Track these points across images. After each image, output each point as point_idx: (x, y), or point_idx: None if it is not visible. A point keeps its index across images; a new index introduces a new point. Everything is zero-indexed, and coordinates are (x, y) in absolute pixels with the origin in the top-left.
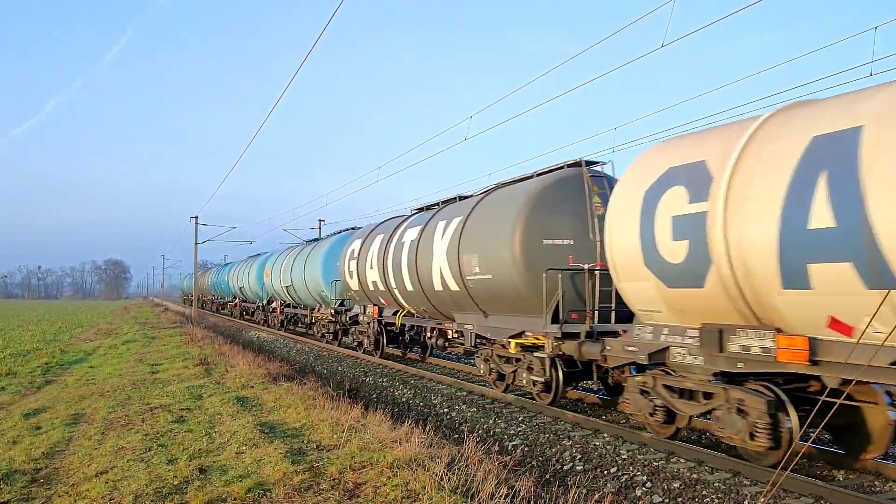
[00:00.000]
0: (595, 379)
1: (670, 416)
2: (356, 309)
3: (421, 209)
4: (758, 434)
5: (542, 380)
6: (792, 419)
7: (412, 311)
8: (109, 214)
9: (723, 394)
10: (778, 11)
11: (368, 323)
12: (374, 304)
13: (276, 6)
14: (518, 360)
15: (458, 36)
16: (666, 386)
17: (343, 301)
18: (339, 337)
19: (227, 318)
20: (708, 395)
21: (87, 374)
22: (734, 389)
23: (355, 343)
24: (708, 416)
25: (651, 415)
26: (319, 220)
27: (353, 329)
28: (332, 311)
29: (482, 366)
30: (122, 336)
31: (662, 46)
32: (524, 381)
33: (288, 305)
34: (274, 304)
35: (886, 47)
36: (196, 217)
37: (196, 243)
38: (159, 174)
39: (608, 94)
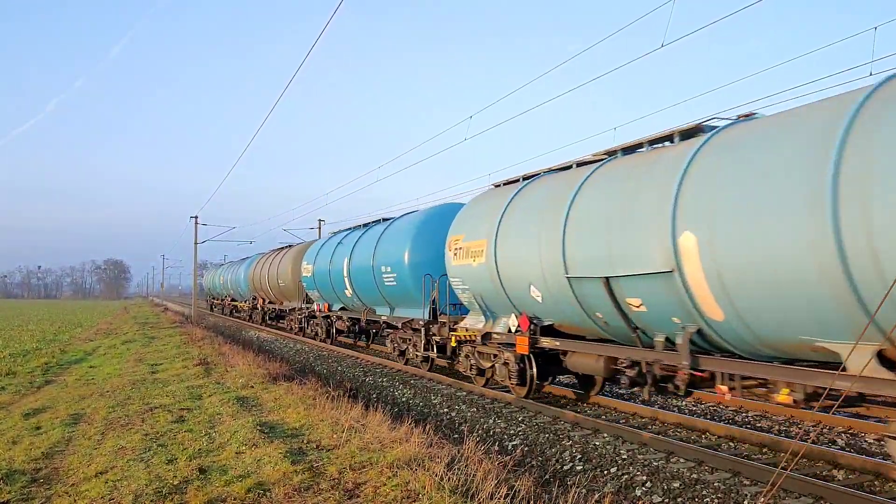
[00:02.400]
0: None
1: (481, 371)
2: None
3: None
4: (512, 377)
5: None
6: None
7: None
8: (109, 214)
9: (501, 354)
10: (778, 11)
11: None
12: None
13: (277, 6)
14: (495, 355)
15: (459, 36)
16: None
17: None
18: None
19: (223, 317)
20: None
21: (86, 374)
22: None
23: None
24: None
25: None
26: (319, 220)
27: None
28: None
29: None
30: (121, 336)
31: (662, 46)
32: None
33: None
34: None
35: (886, 47)
36: (196, 217)
37: (196, 243)
38: (159, 174)
39: (608, 94)
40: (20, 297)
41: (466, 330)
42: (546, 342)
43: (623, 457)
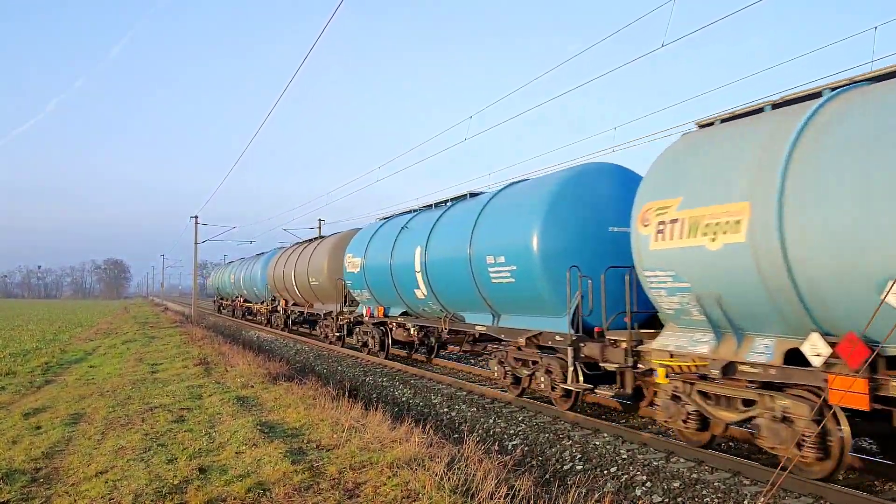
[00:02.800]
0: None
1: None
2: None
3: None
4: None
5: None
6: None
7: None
8: (109, 214)
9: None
10: (778, 11)
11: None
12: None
13: (277, 6)
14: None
15: (459, 36)
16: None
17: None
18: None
19: (232, 320)
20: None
21: (86, 374)
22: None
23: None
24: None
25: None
26: (319, 220)
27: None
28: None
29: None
30: (121, 336)
31: (662, 46)
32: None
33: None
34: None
35: (886, 47)
36: (196, 217)
37: (196, 243)
38: (159, 174)
39: (608, 94)
40: (20, 296)
41: (677, 357)
42: None
43: (623, 457)
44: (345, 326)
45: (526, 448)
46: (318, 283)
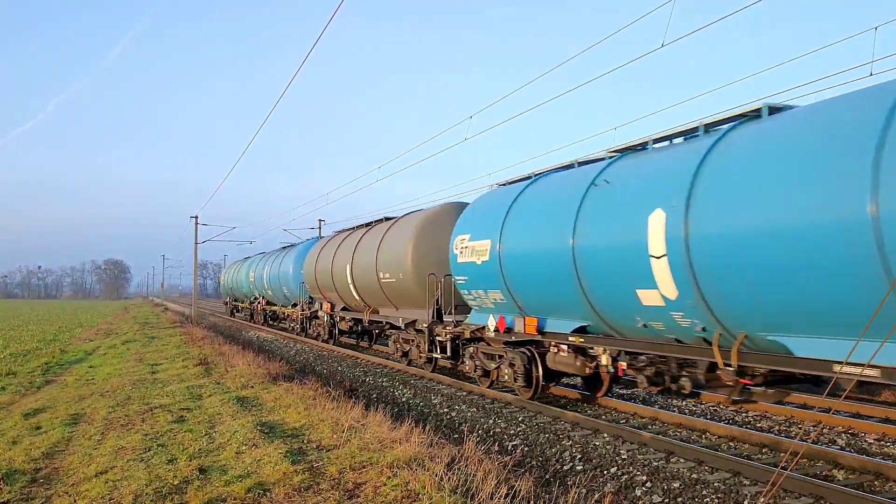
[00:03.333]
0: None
1: (486, 372)
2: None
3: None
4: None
5: (328, 329)
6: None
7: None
8: (109, 214)
9: (507, 354)
10: (778, 11)
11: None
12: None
13: (277, 6)
14: (501, 356)
15: (458, 36)
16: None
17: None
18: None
19: (230, 319)
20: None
21: (86, 374)
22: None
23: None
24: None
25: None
26: (319, 220)
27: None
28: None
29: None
30: (121, 336)
31: (662, 46)
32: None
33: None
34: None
35: (886, 47)
36: (196, 217)
37: (196, 243)
38: (160, 174)
39: (608, 94)
40: (20, 297)
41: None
42: None
43: (623, 457)
44: (449, 344)
45: (526, 448)
46: (395, 281)
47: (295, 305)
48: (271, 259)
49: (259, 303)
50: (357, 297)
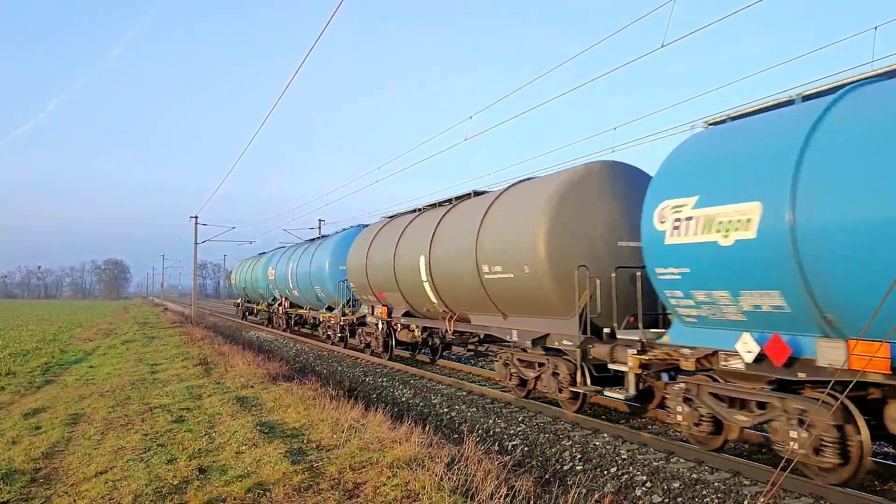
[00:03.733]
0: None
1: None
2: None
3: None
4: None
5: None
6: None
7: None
8: (109, 214)
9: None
10: (778, 11)
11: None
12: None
13: (277, 6)
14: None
15: (459, 35)
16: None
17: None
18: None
19: (231, 319)
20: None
21: (86, 374)
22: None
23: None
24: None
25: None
26: (319, 220)
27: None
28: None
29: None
30: (121, 336)
31: (662, 46)
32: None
33: None
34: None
35: (886, 47)
36: (196, 217)
37: (196, 243)
38: (159, 174)
39: (608, 94)
40: (20, 297)
41: None
42: None
43: (623, 457)
44: (631, 378)
45: (526, 448)
46: (511, 278)
47: (331, 309)
48: (298, 253)
49: (281, 305)
50: (434, 300)
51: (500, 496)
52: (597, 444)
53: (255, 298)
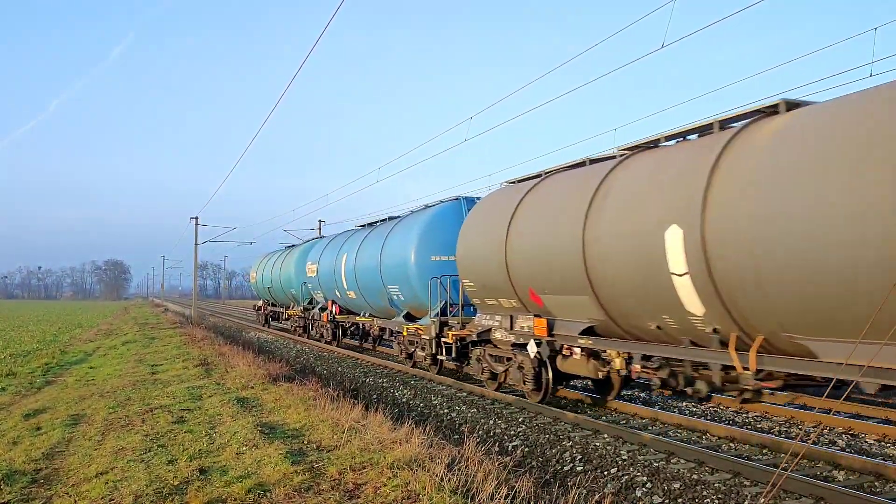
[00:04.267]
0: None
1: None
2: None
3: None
4: (528, 381)
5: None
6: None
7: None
8: (110, 215)
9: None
10: (778, 12)
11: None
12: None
13: (277, 6)
14: (509, 359)
15: (459, 35)
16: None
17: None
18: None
19: (231, 319)
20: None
21: (86, 375)
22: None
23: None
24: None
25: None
26: (319, 221)
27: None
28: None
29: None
30: (121, 336)
31: (663, 47)
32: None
33: None
34: None
35: (886, 47)
36: (196, 217)
37: (196, 244)
38: (160, 174)
39: (608, 94)
40: (20, 297)
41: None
42: None
43: (623, 457)
44: None
45: (526, 449)
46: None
47: (411, 318)
48: (355, 242)
49: (326, 311)
50: (700, 310)
51: (501, 497)
52: (597, 444)
53: (284, 301)
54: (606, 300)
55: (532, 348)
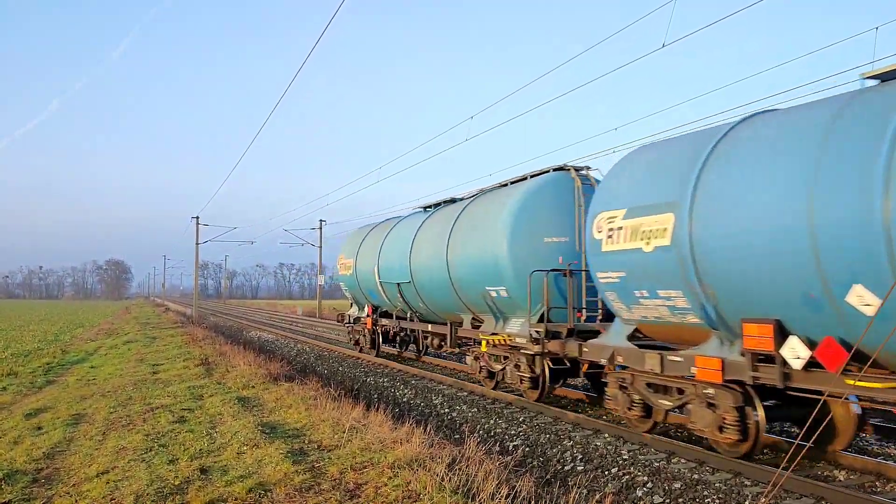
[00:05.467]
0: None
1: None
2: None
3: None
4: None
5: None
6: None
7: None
8: (111, 215)
9: (693, 389)
10: (778, 12)
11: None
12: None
13: (277, 7)
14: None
15: (459, 36)
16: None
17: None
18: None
19: (231, 318)
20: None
21: (88, 374)
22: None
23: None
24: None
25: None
26: (320, 221)
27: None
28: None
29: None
30: (123, 336)
31: (663, 46)
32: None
33: None
34: None
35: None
36: (197, 217)
37: (197, 243)
38: (161, 174)
39: (608, 94)
40: (21, 297)
41: None
42: None
43: (624, 457)
44: None
45: (527, 449)
46: None
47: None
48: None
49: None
50: None
51: (501, 496)
52: (598, 444)
53: (413, 305)
54: None
55: None
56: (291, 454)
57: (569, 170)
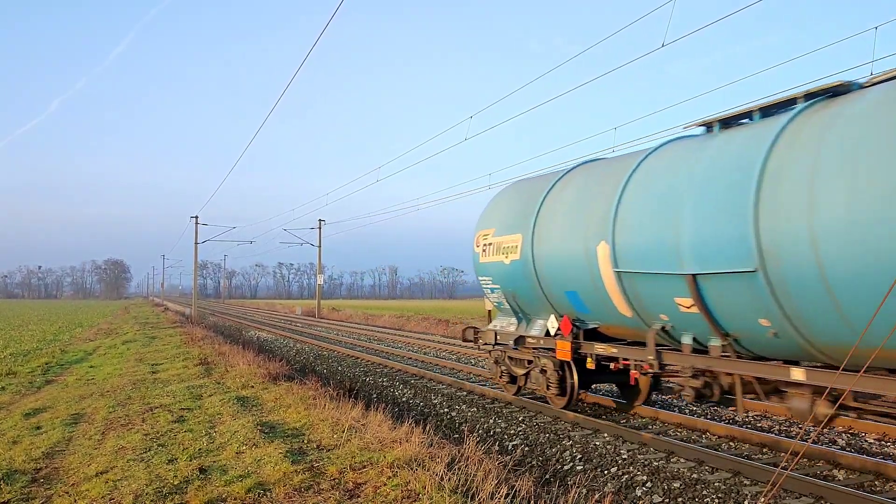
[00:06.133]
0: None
1: (513, 378)
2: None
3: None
4: (551, 386)
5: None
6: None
7: None
8: (110, 214)
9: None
10: (778, 11)
11: None
12: None
13: (277, 6)
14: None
15: (459, 35)
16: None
17: None
18: None
19: (231, 318)
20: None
21: (87, 374)
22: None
23: None
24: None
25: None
26: (320, 220)
27: None
28: None
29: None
30: (122, 336)
31: (663, 46)
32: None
33: None
34: None
35: (886, 47)
36: (196, 217)
37: (196, 243)
38: (160, 174)
39: (608, 94)
40: (20, 296)
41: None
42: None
43: (623, 457)
44: None
45: (526, 448)
46: None
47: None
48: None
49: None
50: None
51: (501, 496)
52: (597, 443)
53: (759, 337)
54: None
55: None
56: (290, 454)
57: None
